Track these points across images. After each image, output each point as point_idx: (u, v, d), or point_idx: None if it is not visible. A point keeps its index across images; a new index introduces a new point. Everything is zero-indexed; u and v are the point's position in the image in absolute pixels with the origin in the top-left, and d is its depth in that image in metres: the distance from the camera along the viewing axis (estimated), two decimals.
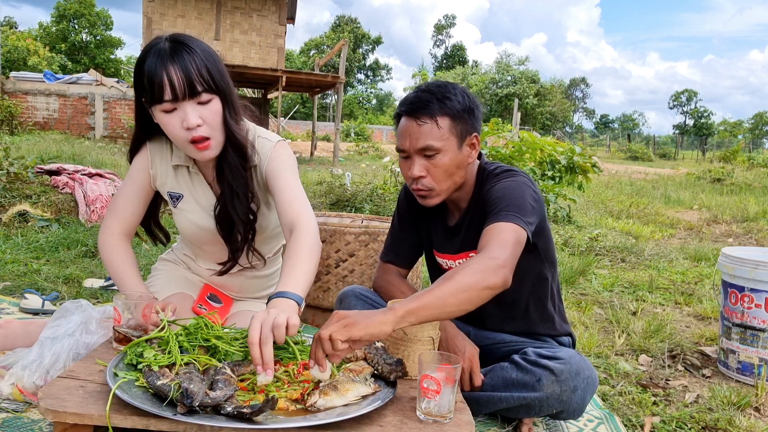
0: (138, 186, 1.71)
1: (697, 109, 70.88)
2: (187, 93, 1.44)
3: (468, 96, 1.58)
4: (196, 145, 1.49)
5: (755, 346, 2.21)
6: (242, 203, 1.61)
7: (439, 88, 1.57)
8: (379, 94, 66.61)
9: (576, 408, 1.49)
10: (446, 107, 1.54)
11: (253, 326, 1.20)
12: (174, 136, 1.51)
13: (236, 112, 1.56)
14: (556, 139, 8.63)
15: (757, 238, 6.21)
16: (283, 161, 1.63)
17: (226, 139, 1.55)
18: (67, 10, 41.57)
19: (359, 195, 5.62)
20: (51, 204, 4.51)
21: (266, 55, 15.64)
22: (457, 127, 1.55)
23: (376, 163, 15.23)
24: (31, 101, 15.54)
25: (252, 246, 1.69)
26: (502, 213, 1.45)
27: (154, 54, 1.45)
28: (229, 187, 1.60)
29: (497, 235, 1.40)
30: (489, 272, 1.30)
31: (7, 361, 1.67)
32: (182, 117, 1.46)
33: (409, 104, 1.56)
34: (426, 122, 1.53)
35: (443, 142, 1.54)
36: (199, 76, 1.45)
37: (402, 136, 1.58)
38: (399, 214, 1.86)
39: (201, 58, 1.47)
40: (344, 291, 1.83)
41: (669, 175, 15.49)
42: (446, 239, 1.75)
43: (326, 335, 1.17)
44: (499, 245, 1.37)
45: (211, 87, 1.48)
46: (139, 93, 1.52)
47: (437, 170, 1.56)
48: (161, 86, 1.43)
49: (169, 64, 1.43)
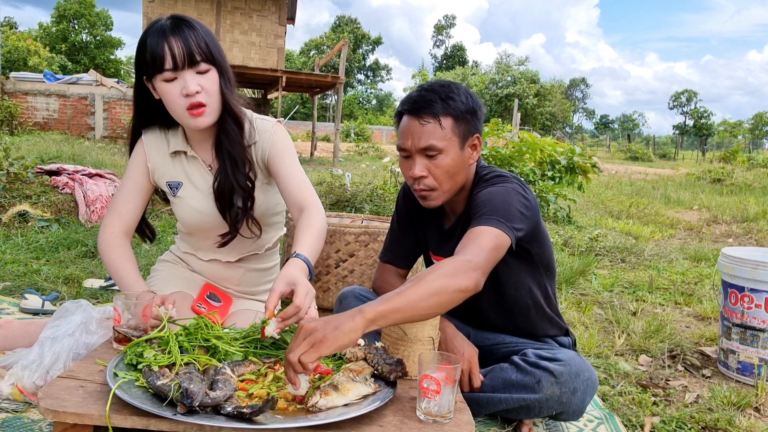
0: (136, 183, 1.74)
1: (697, 110, 70.86)
2: (186, 62, 1.53)
3: (471, 96, 1.57)
4: (192, 111, 1.56)
5: (755, 346, 2.21)
6: (241, 171, 1.66)
7: (443, 87, 1.56)
8: (379, 94, 66.65)
9: (576, 409, 1.49)
10: (449, 107, 1.53)
11: (306, 296, 1.33)
12: (173, 104, 1.57)
13: (232, 84, 1.65)
14: (556, 139, 8.63)
15: (756, 239, 6.21)
16: (284, 144, 1.72)
17: (223, 108, 1.62)
18: (67, 10, 41.56)
19: (359, 195, 5.62)
20: (51, 204, 4.51)
21: (266, 55, 15.63)
22: (459, 128, 1.54)
23: (376, 163, 15.23)
24: (31, 101, 15.54)
25: (251, 215, 1.71)
26: (484, 217, 1.43)
27: (155, 30, 1.55)
28: (229, 155, 1.65)
29: (475, 238, 1.38)
30: (460, 274, 1.27)
31: (7, 361, 1.67)
32: (182, 85, 1.54)
33: (412, 103, 1.55)
34: (429, 122, 1.52)
35: (446, 142, 1.52)
36: (198, 47, 1.55)
37: (404, 135, 1.57)
38: (397, 215, 1.86)
39: (200, 32, 1.57)
40: (344, 291, 1.83)
41: (669, 176, 15.49)
42: (441, 242, 1.74)
43: (295, 359, 1.13)
44: (476, 248, 1.35)
45: (209, 58, 1.57)
46: (140, 71, 1.59)
47: (439, 170, 1.54)
48: (162, 57, 1.52)
49: (170, 37, 1.53)
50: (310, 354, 1.13)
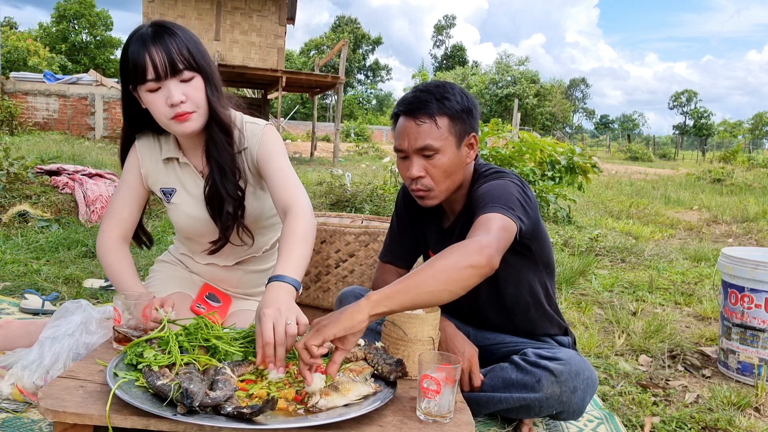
0: (131, 188, 1.74)
1: (697, 110, 70.88)
2: (168, 71, 1.50)
3: (466, 96, 1.58)
4: (177, 118, 1.53)
5: (755, 347, 2.21)
6: (230, 180, 1.64)
7: (438, 88, 1.56)
8: (379, 94, 66.65)
9: (576, 409, 1.49)
10: (445, 107, 1.53)
11: (266, 326, 1.20)
12: (159, 114, 1.55)
13: (218, 90, 1.61)
14: (556, 139, 8.63)
15: (756, 239, 6.21)
16: (272, 145, 1.68)
17: (210, 116, 1.60)
18: (67, 10, 41.57)
19: (359, 195, 5.62)
20: (51, 204, 4.51)
21: (266, 55, 15.63)
22: (455, 127, 1.55)
23: (376, 163, 15.23)
24: (31, 102, 15.53)
25: (241, 223, 1.70)
26: (488, 206, 1.41)
27: (136, 39, 1.51)
28: (217, 164, 1.63)
29: (481, 224, 1.36)
30: (471, 252, 1.24)
31: (7, 361, 1.67)
32: (166, 95, 1.51)
33: (408, 104, 1.56)
34: (425, 122, 1.53)
35: (442, 142, 1.53)
36: (180, 54, 1.51)
37: (400, 136, 1.57)
38: (397, 215, 1.86)
39: (181, 39, 1.53)
40: (344, 291, 1.83)
41: (669, 176, 15.48)
42: (441, 241, 1.74)
43: (301, 346, 1.17)
44: (484, 230, 1.32)
45: (192, 65, 1.53)
46: (125, 80, 1.57)
47: (436, 170, 1.55)
48: (144, 67, 1.49)
49: (151, 46, 1.49)
50: (314, 337, 1.16)
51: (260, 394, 1.22)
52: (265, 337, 1.19)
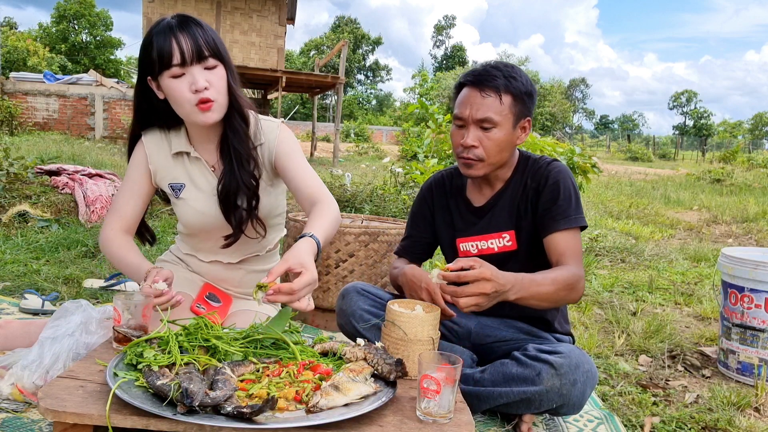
0: (137, 184, 1.73)
1: (696, 110, 70.90)
2: (195, 57, 1.53)
3: (530, 81, 1.66)
4: (200, 105, 1.55)
5: (755, 347, 2.21)
6: (246, 169, 1.65)
7: (507, 67, 1.65)
8: (379, 94, 66.68)
9: (576, 402, 1.50)
10: (511, 85, 1.60)
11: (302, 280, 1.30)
12: (181, 100, 1.56)
13: (237, 80, 1.64)
14: (556, 139, 8.62)
15: (756, 239, 6.21)
16: (292, 143, 1.73)
17: (230, 104, 1.62)
18: (67, 10, 41.57)
19: (359, 195, 5.62)
20: (51, 204, 4.51)
21: (266, 55, 15.63)
22: (516, 107, 1.62)
23: (376, 163, 15.24)
24: (30, 102, 15.53)
25: (255, 215, 1.71)
26: (570, 218, 1.62)
27: (162, 28, 1.55)
28: (236, 152, 1.64)
29: (573, 247, 1.61)
30: (577, 289, 1.56)
31: (7, 361, 1.66)
32: (190, 81, 1.54)
33: (477, 75, 1.63)
34: (490, 95, 1.60)
35: (502, 118, 1.60)
36: (206, 42, 1.55)
37: (462, 105, 1.64)
38: (419, 207, 1.90)
39: (207, 29, 1.58)
40: (346, 287, 1.85)
41: (669, 176, 15.49)
42: (469, 221, 1.78)
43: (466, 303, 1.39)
44: (576, 259, 1.60)
45: (216, 54, 1.57)
46: (144, 70, 1.58)
47: (490, 143, 1.62)
48: (170, 52, 1.52)
49: (178, 33, 1.53)
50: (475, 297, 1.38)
51: (260, 394, 1.22)
52: (299, 289, 1.30)
